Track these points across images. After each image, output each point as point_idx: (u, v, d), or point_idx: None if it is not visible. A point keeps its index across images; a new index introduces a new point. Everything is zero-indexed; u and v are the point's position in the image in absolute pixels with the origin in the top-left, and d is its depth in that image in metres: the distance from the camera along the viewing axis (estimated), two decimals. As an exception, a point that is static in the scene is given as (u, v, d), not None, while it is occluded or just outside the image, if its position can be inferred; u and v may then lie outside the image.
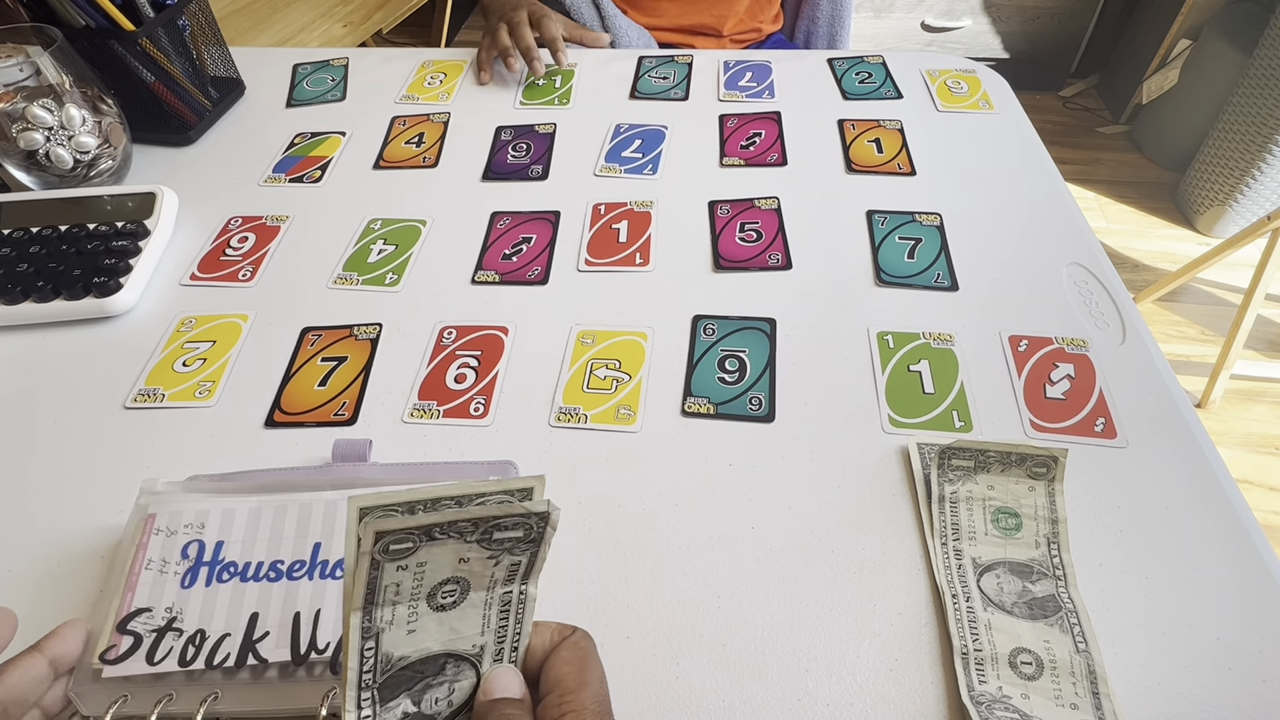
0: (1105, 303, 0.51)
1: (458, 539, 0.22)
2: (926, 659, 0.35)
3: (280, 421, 0.46)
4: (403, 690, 0.24)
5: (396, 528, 0.21)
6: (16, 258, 0.53)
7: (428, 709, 0.24)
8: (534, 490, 0.23)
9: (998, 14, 1.90)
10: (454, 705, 0.25)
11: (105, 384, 0.48)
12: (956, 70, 0.75)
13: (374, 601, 0.22)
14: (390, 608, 0.23)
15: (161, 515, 0.36)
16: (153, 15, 0.63)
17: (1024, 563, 0.38)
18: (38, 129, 0.57)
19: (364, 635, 0.22)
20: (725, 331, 0.50)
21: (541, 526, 0.23)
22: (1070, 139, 1.94)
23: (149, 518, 0.36)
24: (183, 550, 0.35)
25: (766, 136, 0.67)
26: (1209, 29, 1.67)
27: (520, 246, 0.57)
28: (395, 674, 0.23)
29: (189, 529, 0.36)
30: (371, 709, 0.23)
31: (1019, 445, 0.39)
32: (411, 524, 0.21)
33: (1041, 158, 0.64)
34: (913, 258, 0.55)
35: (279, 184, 0.64)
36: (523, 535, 0.23)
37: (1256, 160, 1.52)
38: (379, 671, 0.23)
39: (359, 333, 0.51)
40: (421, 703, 0.24)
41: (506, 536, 0.23)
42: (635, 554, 0.39)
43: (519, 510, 0.22)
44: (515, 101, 0.73)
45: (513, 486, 0.23)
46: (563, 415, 0.45)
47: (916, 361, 0.48)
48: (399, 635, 0.23)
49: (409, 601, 0.23)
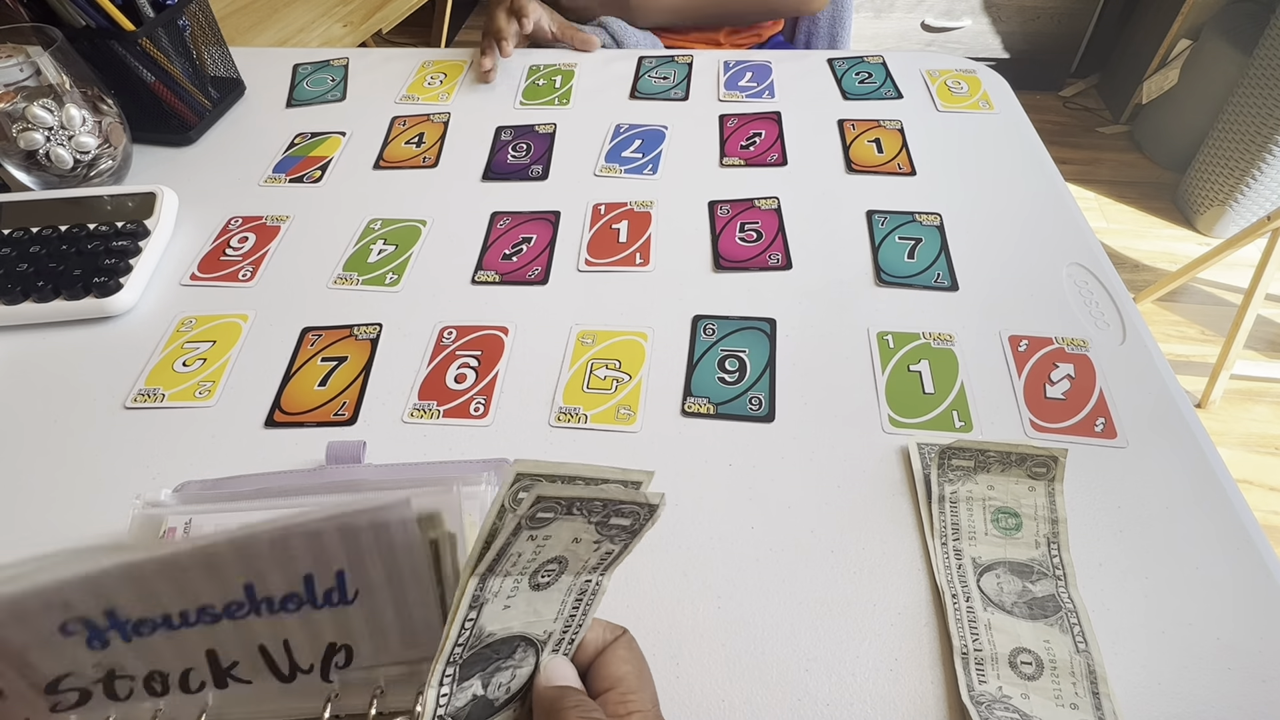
0: (1105, 303, 0.51)
1: (584, 518, 0.22)
2: (926, 659, 0.35)
3: (280, 422, 0.46)
4: (477, 670, 0.23)
5: (553, 495, 0.21)
6: (16, 258, 0.53)
7: (492, 693, 0.24)
8: (642, 484, 0.23)
9: (998, 14, 1.90)
10: (511, 692, 0.25)
11: (105, 384, 0.48)
12: (956, 70, 0.75)
13: (494, 570, 0.22)
14: (503, 578, 0.22)
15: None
16: (153, 15, 0.63)
17: (1024, 563, 0.38)
18: (38, 129, 0.57)
19: (472, 605, 0.22)
20: (725, 331, 0.50)
21: (647, 517, 0.23)
22: (1070, 139, 1.94)
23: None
24: None
25: (766, 136, 0.67)
26: (1209, 29, 1.67)
27: (520, 246, 0.57)
28: (478, 651, 0.23)
29: None
30: (450, 687, 0.22)
31: (1019, 445, 0.39)
32: (564, 494, 0.21)
33: (1041, 158, 0.64)
34: (913, 258, 0.55)
35: (279, 184, 0.64)
36: (629, 524, 0.23)
37: (1256, 160, 1.52)
38: (469, 646, 0.22)
39: (359, 333, 0.51)
40: (489, 686, 0.24)
41: (617, 524, 0.23)
42: (635, 554, 0.39)
43: (639, 499, 0.22)
44: (515, 101, 0.73)
45: (629, 477, 0.23)
46: (563, 415, 0.45)
47: (916, 361, 0.48)
48: (496, 610, 0.23)
49: (518, 575, 0.22)
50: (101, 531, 0.40)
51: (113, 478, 0.43)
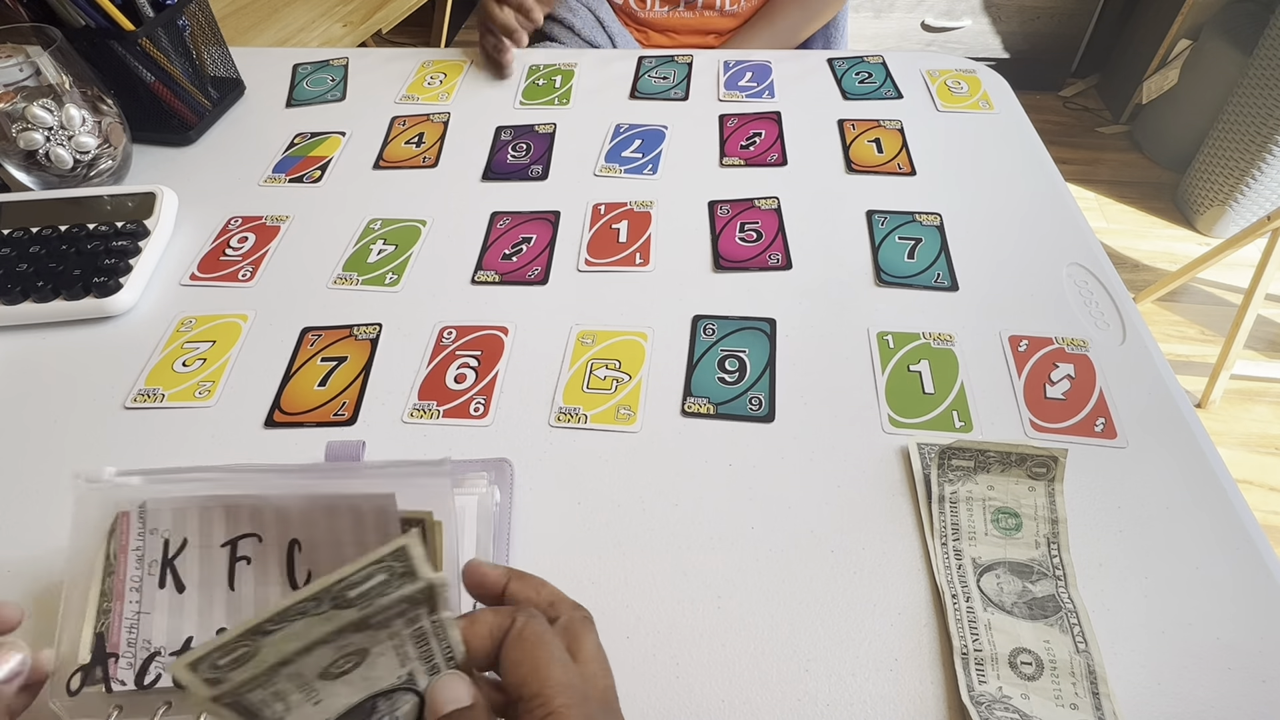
0: (1105, 303, 0.51)
1: (306, 618, 0.20)
2: (926, 659, 0.35)
3: (280, 422, 0.46)
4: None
5: (245, 679, 0.19)
6: (16, 258, 0.53)
7: None
8: (394, 551, 0.21)
9: (998, 14, 1.90)
10: None
11: (105, 384, 0.48)
12: (956, 70, 0.75)
13: None
14: (281, 703, 0.21)
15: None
16: (153, 15, 0.63)
17: (1024, 563, 0.37)
18: (38, 129, 0.57)
19: None
20: (725, 331, 0.50)
21: (404, 558, 0.20)
22: (1070, 139, 1.94)
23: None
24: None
25: (766, 136, 0.67)
26: (1209, 29, 1.67)
27: (520, 246, 0.57)
28: None
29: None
30: None
31: (1019, 445, 0.39)
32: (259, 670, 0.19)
33: (1041, 158, 0.64)
34: (913, 258, 0.55)
35: (279, 184, 0.64)
36: (386, 577, 0.21)
37: (1256, 160, 1.52)
38: None
39: (359, 333, 0.51)
40: None
41: (367, 589, 0.20)
42: (635, 554, 0.39)
43: (363, 564, 0.20)
44: (515, 101, 0.73)
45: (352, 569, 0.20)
46: (563, 415, 0.45)
47: (916, 361, 0.48)
48: (306, 712, 0.21)
49: (299, 691, 0.21)
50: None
51: (112, 478, 0.43)
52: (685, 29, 0.95)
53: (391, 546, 0.20)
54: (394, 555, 0.20)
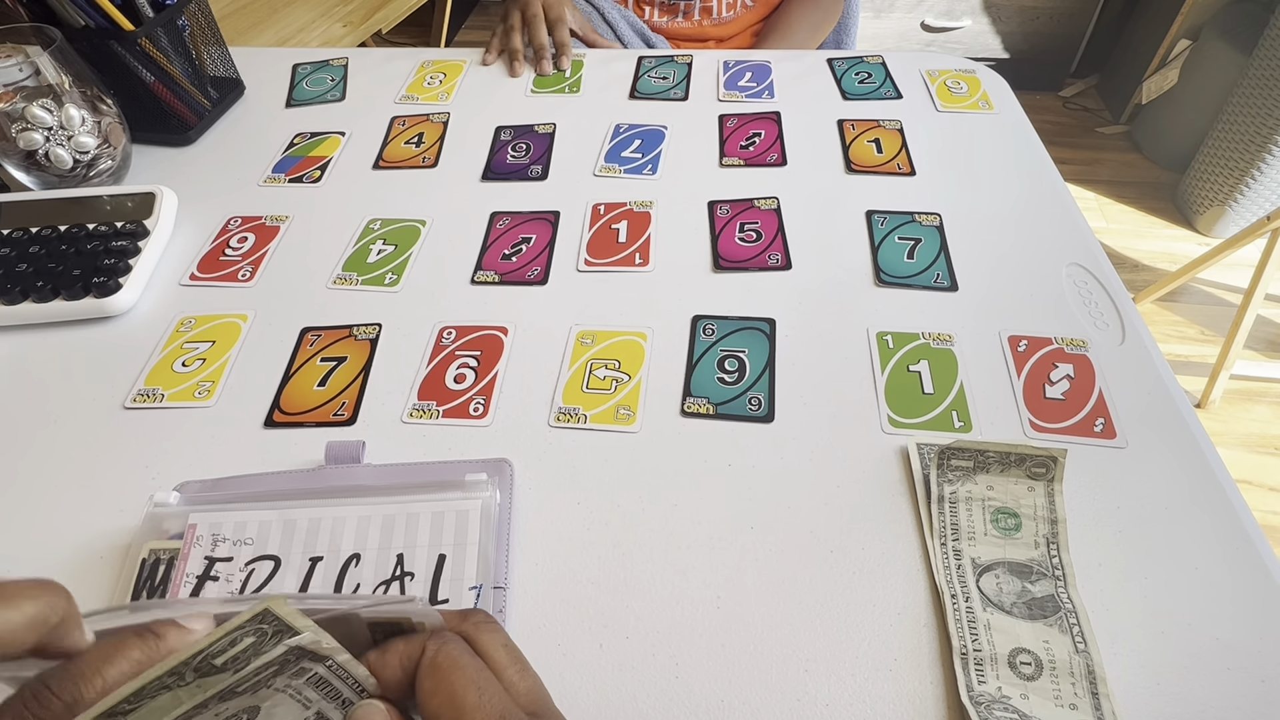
0: (1105, 303, 0.51)
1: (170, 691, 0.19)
2: (926, 659, 0.35)
3: (280, 422, 0.46)
4: None
5: None
6: (16, 258, 0.53)
7: None
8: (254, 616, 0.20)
9: (998, 14, 1.90)
10: None
11: (105, 384, 0.48)
12: (956, 70, 0.75)
13: None
14: None
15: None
16: (152, 15, 0.63)
17: (1023, 563, 0.38)
18: (37, 129, 0.57)
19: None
20: (725, 331, 0.50)
21: (271, 619, 0.20)
22: (1070, 139, 1.94)
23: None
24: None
25: (766, 136, 0.67)
26: (1209, 29, 1.67)
27: (520, 246, 0.57)
28: None
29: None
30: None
31: (1018, 445, 0.39)
32: None
33: (1041, 158, 0.64)
34: (912, 258, 0.55)
35: (278, 184, 0.64)
36: (255, 640, 0.20)
37: (1256, 160, 1.52)
38: None
39: (358, 333, 0.51)
40: None
41: (235, 654, 0.20)
42: (635, 554, 0.39)
43: (220, 634, 0.19)
44: (526, 90, 0.74)
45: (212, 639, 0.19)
46: (562, 415, 0.45)
47: (916, 361, 0.48)
48: None
49: None
50: (101, 529, 0.40)
51: (112, 478, 0.43)
52: (683, 37, 0.95)
53: (251, 612, 0.19)
54: (259, 618, 0.20)
